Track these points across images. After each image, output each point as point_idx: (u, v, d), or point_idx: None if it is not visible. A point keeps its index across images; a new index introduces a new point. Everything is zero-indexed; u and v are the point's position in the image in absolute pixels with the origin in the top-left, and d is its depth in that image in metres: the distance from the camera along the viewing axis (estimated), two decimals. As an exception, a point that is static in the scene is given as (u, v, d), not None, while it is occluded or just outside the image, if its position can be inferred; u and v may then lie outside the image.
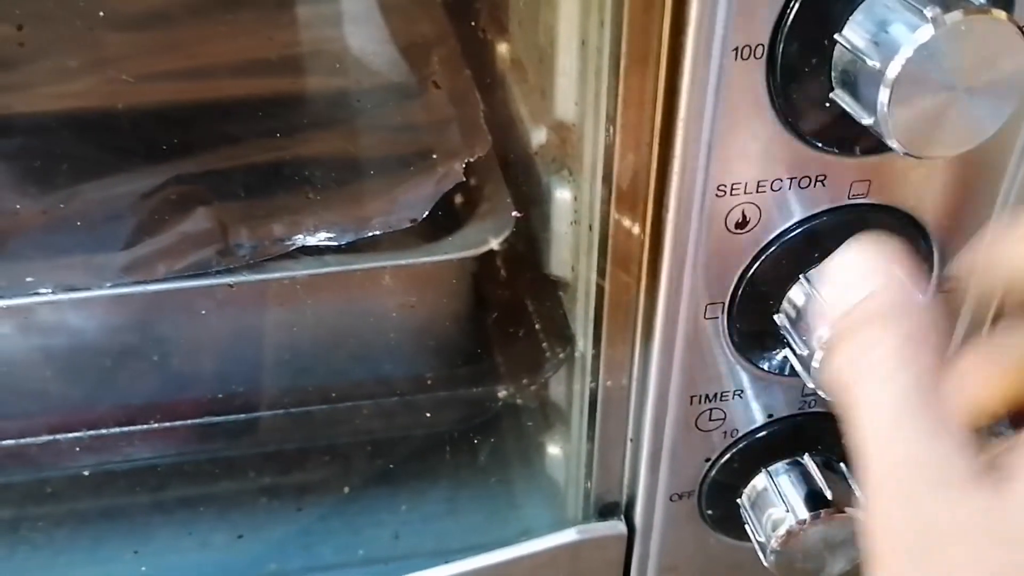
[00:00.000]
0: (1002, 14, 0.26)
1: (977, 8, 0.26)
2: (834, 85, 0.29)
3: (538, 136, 0.40)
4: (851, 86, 0.28)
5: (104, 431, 0.35)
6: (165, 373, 0.36)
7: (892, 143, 0.28)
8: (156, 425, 0.35)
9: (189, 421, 0.35)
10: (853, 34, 0.28)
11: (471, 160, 0.38)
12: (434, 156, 0.41)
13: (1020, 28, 0.26)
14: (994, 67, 0.26)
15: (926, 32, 0.26)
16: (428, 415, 0.38)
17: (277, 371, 0.37)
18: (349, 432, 0.38)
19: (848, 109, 0.29)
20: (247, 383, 0.37)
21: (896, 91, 0.27)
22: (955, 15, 0.26)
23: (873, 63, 0.27)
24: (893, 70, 0.26)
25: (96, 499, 0.42)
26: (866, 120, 0.28)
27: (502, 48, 0.46)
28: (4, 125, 0.42)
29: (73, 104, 0.43)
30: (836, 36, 0.28)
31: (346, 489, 0.41)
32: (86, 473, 0.37)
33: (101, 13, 0.36)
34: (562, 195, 0.38)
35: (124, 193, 0.39)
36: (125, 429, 0.35)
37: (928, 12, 0.26)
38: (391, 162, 0.41)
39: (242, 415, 0.36)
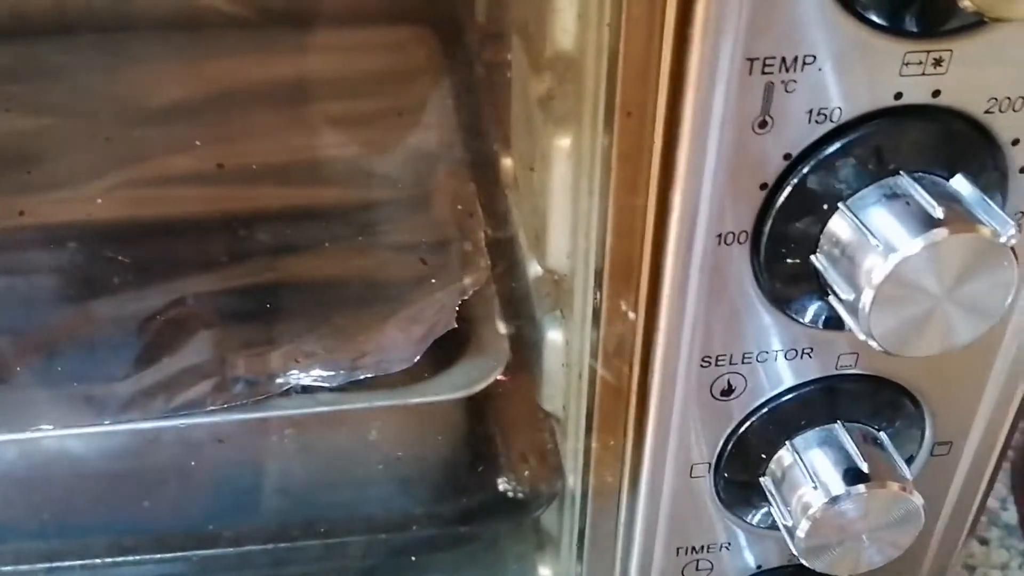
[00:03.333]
0: (987, 231, 0.25)
1: (964, 226, 0.25)
2: (819, 269, 0.29)
3: (534, 269, 0.40)
4: (835, 279, 0.28)
5: (97, 560, 0.35)
6: (155, 503, 0.37)
7: (870, 342, 0.27)
8: (148, 556, 0.36)
9: (179, 553, 0.36)
10: (838, 232, 0.28)
11: (466, 297, 0.38)
12: (433, 281, 0.41)
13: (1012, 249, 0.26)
14: (977, 281, 0.26)
15: (914, 246, 0.26)
16: (415, 554, 0.38)
17: (266, 504, 0.38)
18: (337, 566, 0.38)
19: (833, 299, 0.28)
20: (237, 515, 0.38)
21: (878, 297, 0.26)
22: (940, 232, 0.25)
23: (854, 270, 0.27)
24: (876, 278, 0.26)
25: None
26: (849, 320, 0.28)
27: (507, 163, 0.46)
28: (21, 239, 0.43)
29: (85, 215, 0.44)
30: (837, 207, 0.27)
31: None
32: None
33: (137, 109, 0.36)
34: (554, 336, 0.38)
35: (128, 315, 0.40)
36: (117, 559, 0.35)
37: (906, 233, 0.25)
38: (392, 288, 0.41)
39: (231, 549, 0.36)
